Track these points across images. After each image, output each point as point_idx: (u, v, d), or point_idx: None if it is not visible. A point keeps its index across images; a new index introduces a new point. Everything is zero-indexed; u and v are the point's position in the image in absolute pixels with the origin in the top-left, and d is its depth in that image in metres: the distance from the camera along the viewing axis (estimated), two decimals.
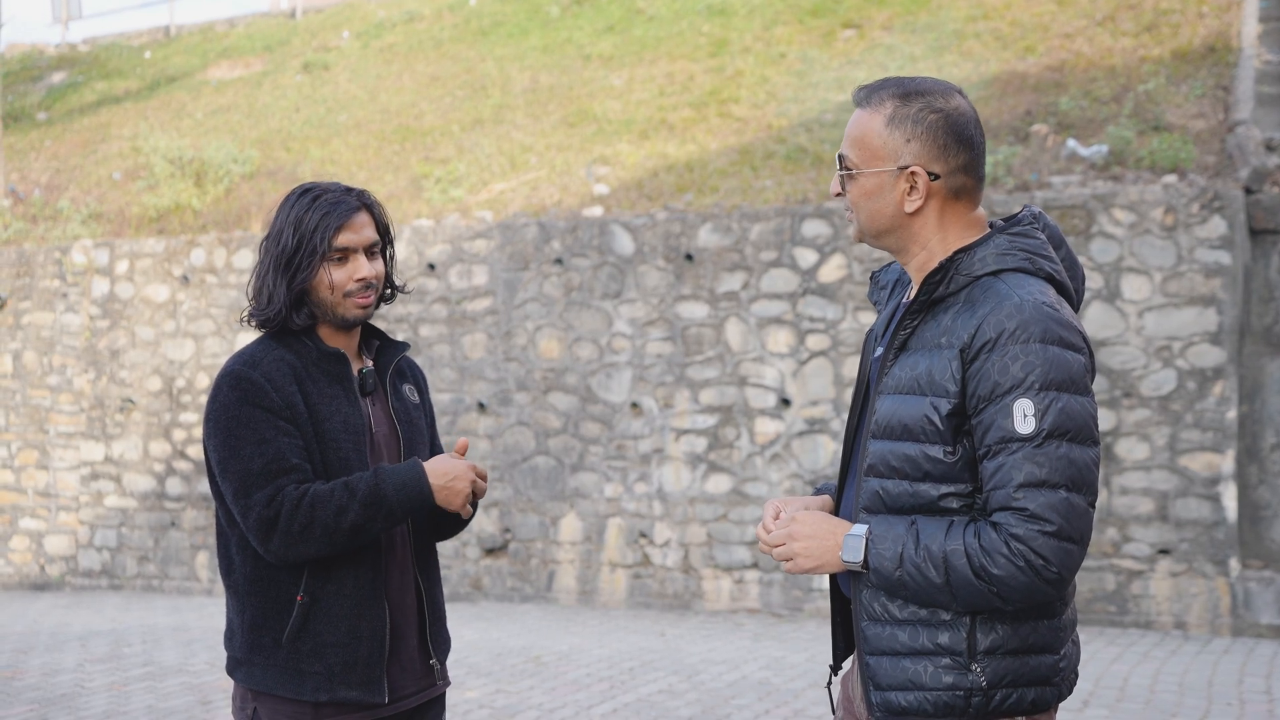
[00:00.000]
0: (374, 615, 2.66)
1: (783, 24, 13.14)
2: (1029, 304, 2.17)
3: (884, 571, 2.19)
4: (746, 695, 6.42)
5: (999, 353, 2.14)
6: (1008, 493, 2.12)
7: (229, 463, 2.62)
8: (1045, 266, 2.27)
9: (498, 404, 9.91)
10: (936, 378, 2.20)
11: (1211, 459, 8.18)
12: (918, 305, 2.27)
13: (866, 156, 2.29)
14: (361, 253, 2.70)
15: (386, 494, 2.59)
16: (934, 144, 2.26)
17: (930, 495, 2.20)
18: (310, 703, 2.63)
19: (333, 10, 17.75)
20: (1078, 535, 2.13)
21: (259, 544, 2.61)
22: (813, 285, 9.11)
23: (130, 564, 11.20)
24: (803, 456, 9.08)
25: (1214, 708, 6.12)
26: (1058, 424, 2.12)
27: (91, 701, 6.47)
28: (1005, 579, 2.11)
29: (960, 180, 2.29)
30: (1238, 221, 8.27)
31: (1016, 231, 2.30)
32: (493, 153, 11.96)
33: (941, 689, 2.20)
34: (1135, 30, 11.19)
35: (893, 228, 2.31)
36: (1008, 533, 2.11)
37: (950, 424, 2.18)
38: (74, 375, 11.45)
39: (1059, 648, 2.25)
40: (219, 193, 12.45)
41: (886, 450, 2.24)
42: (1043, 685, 2.23)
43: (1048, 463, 2.11)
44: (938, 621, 2.21)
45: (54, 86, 17.23)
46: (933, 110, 2.27)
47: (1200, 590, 8.17)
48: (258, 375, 2.63)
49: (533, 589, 9.81)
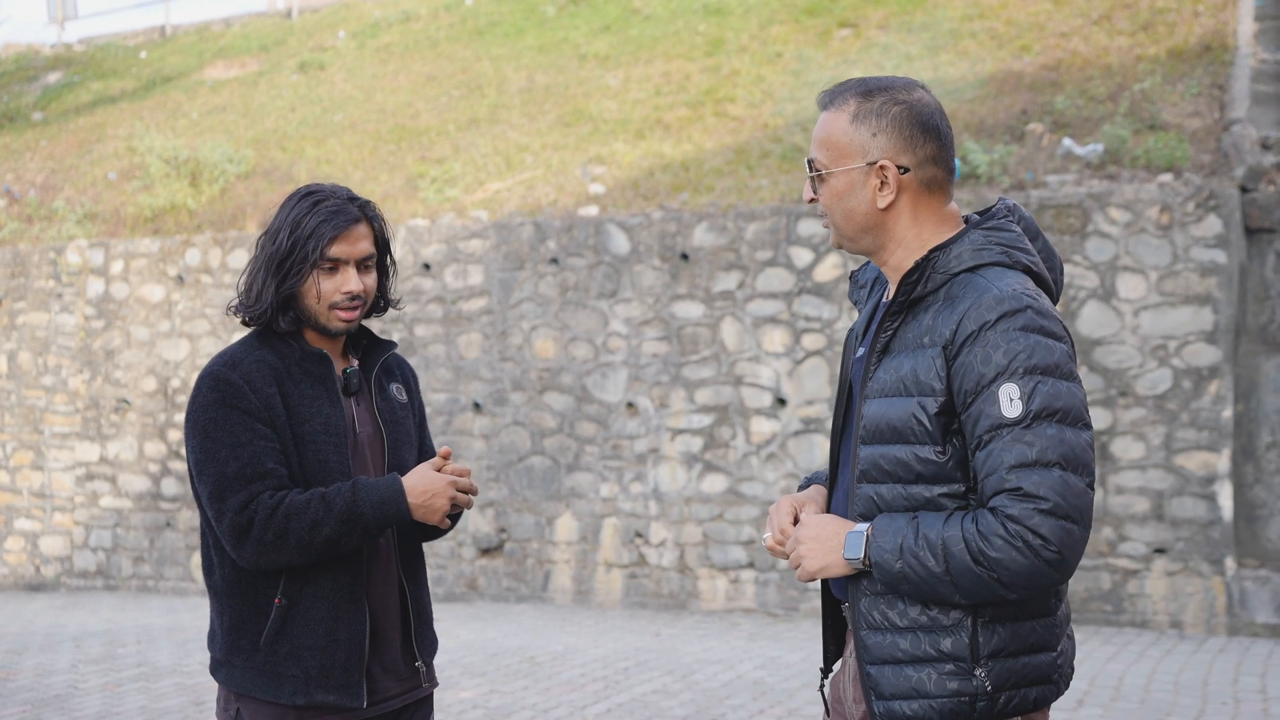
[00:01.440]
0: (353, 619, 2.64)
1: (778, 23, 13.13)
2: (1008, 295, 2.16)
3: (885, 564, 2.16)
4: (741, 695, 6.41)
5: (980, 343, 2.13)
6: (1000, 476, 2.09)
7: (205, 465, 2.60)
8: (1022, 259, 2.26)
9: (493, 404, 9.90)
10: (922, 377, 2.18)
11: (1207, 458, 8.18)
12: (896, 306, 2.26)
13: (835, 156, 2.28)
14: (353, 265, 2.67)
15: (363, 511, 2.57)
16: (900, 136, 2.25)
17: (924, 496, 2.19)
18: (290, 705, 2.62)
19: (328, 10, 17.74)
20: (1076, 514, 2.08)
21: (232, 549, 2.59)
22: (808, 284, 9.10)
23: (125, 564, 11.18)
24: (798, 456, 9.08)
25: (1209, 707, 6.11)
26: (1045, 405, 2.10)
27: (85, 702, 6.46)
28: (1004, 561, 2.07)
29: (930, 171, 2.27)
30: (1233, 220, 8.27)
31: (991, 225, 2.29)
32: (488, 152, 11.95)
33: (947, 695, 2.18)
34: (1131, 29, 11.19)
35: (868, 226, 2.30)
36: (1004, 514, 2.08)
37: (939, 423, 2.17)
38: (69, 375, 11.43)
39: (1055, 644, 2.24)
40: (214, 193, 12.43)
41: (877, 454, 2.23)
42: (1043, 684, 2.22)
43: (1038, 442, 2.09)
44: (939, 627, 2.18)
45: (49, 86, 17.21)
46: (896, 103, 2.26)
47: (1196, 589, 8.16)
48: (236, 377, 2.62)
49: (528, 589, 9.80)
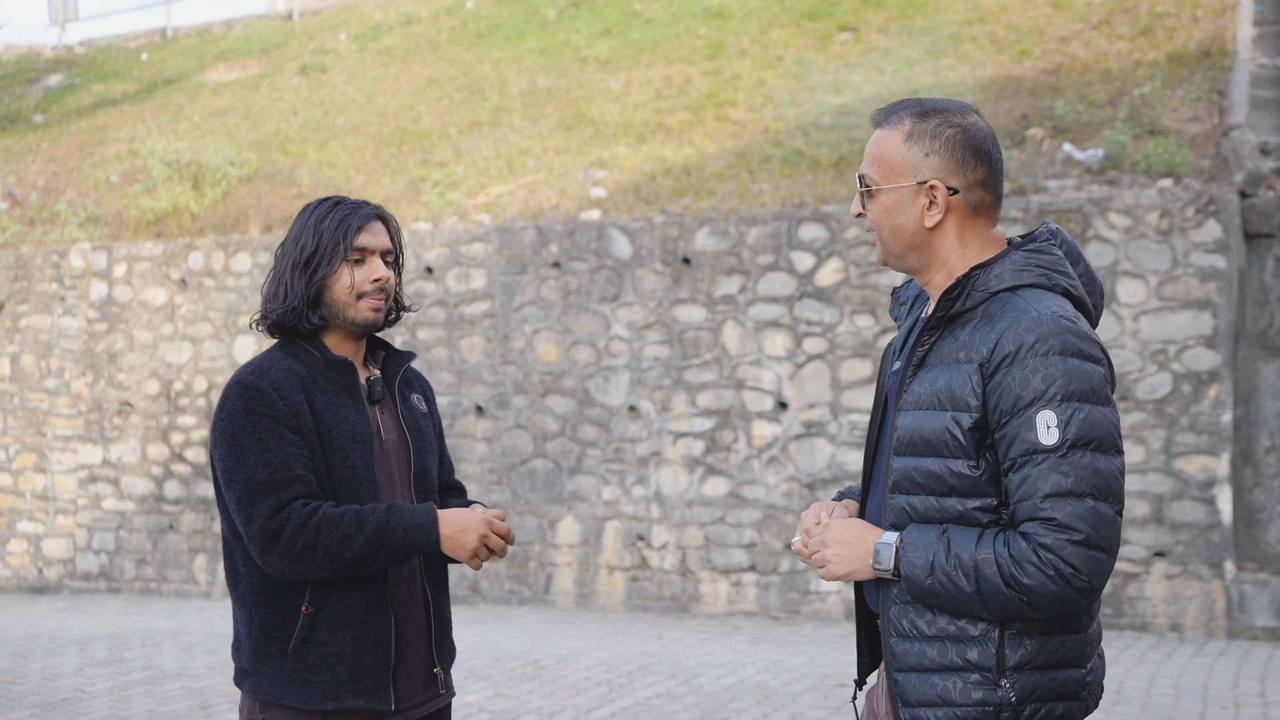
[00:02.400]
0: (379, 625, 2.69)
1: (779, 27, 13.17)
2: (1047, 317, 2.19)
3: (915, 579, 2.21)
4: (745, 699, 6.45)
5: (1019, 366, 2.17)
6: (1035, 503, 2.14)
7: (234, 471, 2.63)
8: (1062, 282, 2.30)
9: (495, 407, 9.94)
10: (957, 392, 2.22)
11: (1207, 462, 8.23)
12: (935, 321, 2.30)
13: (886, 173, 2.32)
14: (378, 256, 2.77)
15: (394, 534, 2.61)
16: (952, 158, 2.29)
17: (956, 510, 2.22)
18: (318, 711, 2.66)
19: (329, 13, 17.77)
20: (1106, 544, 2.14)
21: (259, 555, 2.61)
22: (809, 289, 9.14)
23: (128, 567, 11.22)
24: (800, 459, 9.12)
25: (1209, 711, 6.16)
26: (1081, 434, 2.15)
27: (92, 706, 6.49)
28: (1036, 588, 2.12)
29: (979, 195, 2.32)
30: (1232, 225, 8.31)
31: (1033, 248, 2.33)
32: (490, 156, 11.98)
33: (971, 705, 2.20)
34: (1131, 34, 11.23)
35: (914, 244, 2.34)
36: (1037, 542, 2.13)
37: (973, 438, 2.21)
38: (72, 378, 11.46)
39: (1086, 661, 2.26)
40: (216, 196, 12.46)
41: (910, 466, 2.27)
42: (1070, 699, 2.24)
43: (1073, 472, 2.13)
44: (966, 637, 2.21)
45: (51, 88, 17.24)
46: (950, 125, 2.30)
47: (1196, 593, 8.21)
48: (265, 384, 2.66)
49: (531, 592, 9.83)
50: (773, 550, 9.16)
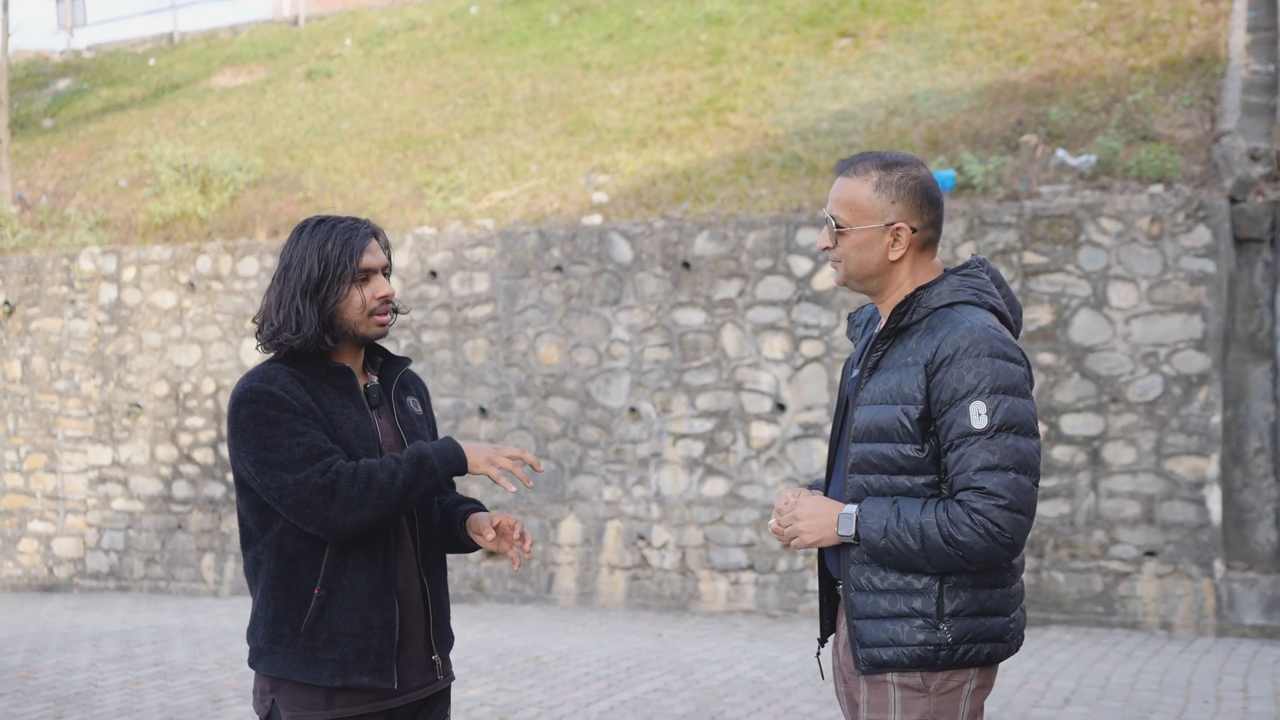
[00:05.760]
0: (385, 608, 2.86)
1: (779, 33, 13.31)
2: (978, 327, 2.68)
3: (871, 541, 2.68)
4: (740, 693, 6.59)
5: (956, 366, 2.65)
6: (968, 476, 2.62)
7: (270, 457, 2.76)
8: (990, 300, 2.80)
9: (498, 409, 10.09)
10: (905, 389, 2.70)
11: (1197, 463, 8.37)
12: (887, 332, 2.78)
13: (857, 215, 2.79)
14: (380, 273, 2.93)
15: (430, 458, 2.82)
16: (913, 204, 2.79)
17: (905, 485, 2.70)
18: (325, 688, 2.83)
19: (335, 18, 17.93)
20: (1025, 508, 2.63)
21: (316, 516, 2.74)
22: (807, 292, 9.29)
23: (137, 566, 11.38)
24: (797, 460, 9.26)
25: (1191, 705, 6.30)
26: (1005, 420, 2.63)
27: (105, 700, 6.65)
28: (969, 544, 2.60)
29: (929, 233, 2.83)
30: (1222, 231, 8.46)
31: (966, 273, 2.83)
32: (493, 161, 12.13)
33: (916, 645, 2.69)
34: (1125, 40, 11.36)
35: (876, 273, 2.82)
36: (970, 507, 2.61)
37: (919, 426, 2.68)
38: (82, 380, 11.63)
39: (1009, 611, 2.75)
40: (224, 200, 12.61)
41: (867, 450, 2.74)
42: (996, 642, 2.72)
43: (999, 450, 2.61)
44: (912, 590, 2.69)
45: (59, 93, 17.41)
46: (911, 177, 2.80)
47: (1186, 591, 8.35)
48: (275, 388, 2.81)
49: (533, 590, 9.99)
50: (771, 550, 9.31)
